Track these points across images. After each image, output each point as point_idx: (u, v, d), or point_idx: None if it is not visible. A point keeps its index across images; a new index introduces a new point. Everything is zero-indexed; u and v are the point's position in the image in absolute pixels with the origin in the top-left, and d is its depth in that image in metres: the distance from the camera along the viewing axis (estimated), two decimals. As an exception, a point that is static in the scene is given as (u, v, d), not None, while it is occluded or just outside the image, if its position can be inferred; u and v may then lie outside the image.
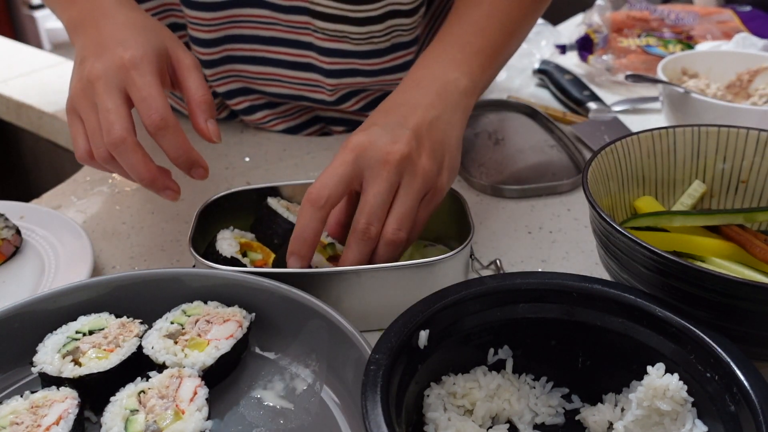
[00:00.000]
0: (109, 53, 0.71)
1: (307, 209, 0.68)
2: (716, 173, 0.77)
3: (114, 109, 0.69)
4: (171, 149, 0.71)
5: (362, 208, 0.69)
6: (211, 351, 0.63)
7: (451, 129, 0.76)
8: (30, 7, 3.22)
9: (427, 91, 0.77)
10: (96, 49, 0.72)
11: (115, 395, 0.60)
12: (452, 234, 0.81)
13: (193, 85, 0.75)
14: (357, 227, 0.69)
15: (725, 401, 0.53)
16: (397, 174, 0.69)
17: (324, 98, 1.02)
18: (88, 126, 0.71)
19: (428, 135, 0.73)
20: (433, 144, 0.73)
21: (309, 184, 0.81)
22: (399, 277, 0.69)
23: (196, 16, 0.95)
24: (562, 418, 0.61)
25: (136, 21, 0.75)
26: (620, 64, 1.31)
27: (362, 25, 0.93)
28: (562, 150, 1.04)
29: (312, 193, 0.68)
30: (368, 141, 0.70)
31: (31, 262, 0.81)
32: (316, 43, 0.96)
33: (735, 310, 0.57)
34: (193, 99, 0.74)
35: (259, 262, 0.75)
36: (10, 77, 1.32)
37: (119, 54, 0.70)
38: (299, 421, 0.62)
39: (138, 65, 0.70)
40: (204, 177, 0.75)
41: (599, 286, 0.60)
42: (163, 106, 0.69)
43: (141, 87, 0.70)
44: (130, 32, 0.73)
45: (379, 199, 0.69)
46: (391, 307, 0.62)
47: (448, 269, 0.70)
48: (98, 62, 0.71)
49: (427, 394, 0.59)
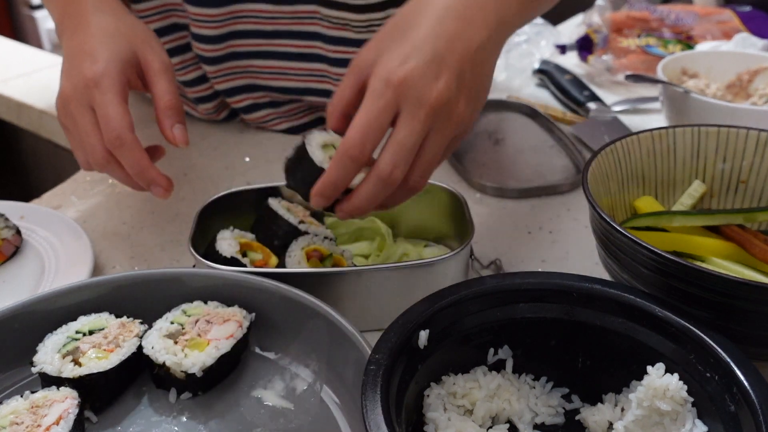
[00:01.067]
0: (75, 69, 0.73)
1: (346, 161, 0.63)
2: (716, 173, 0.77)
3: (91, 130, 0.72)
4: (128, 166, 0.73)
5: (391, 148, 0.63)
6: (211, 351, 0.63)
7: (492, 60, 0.70)
8: (30, 7, 3.21)
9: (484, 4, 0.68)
10: (68, 61, 0.75)
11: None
12: (452, 234, 0.81)
13: (160, 90, 0.75)
14: (382, 168, 0.63)
15: (725, 401, 0.53)
16: (433, 117, 0.63)
17: (330, 88, 1.02)
18: (77, 142, 0.75)
19: (470, 72, 0.66)
20: (472, 85, 0.66)
21: None
22: (399, 277, 0.69)
23: (199, 13, 0.95)
24: (562, 418, 0.61)
25: (105, 27, 0.76)
26: (620, 64, 1.31)
27: (362, 12, 0.94)
28: (562, 150, 1.04)
29: (353, 145, 0.62)
30: (410, 77, 0.62)
31: (31, 262, 0.81)
32: (323, 31, 0.97)
33: (735, 310, 0.57)
34: (160, 104, 0.75)
35: (259, 262, 0.75)
36: (10, 77, 1.32)
37: (83, 70, 0.72)
38: (299, 421, 0.62)
39: (99, 82, 0.71)
40: (164, 196, 0.74)
41: (599, 286, 0.60)
42: (119, 124, 0.71)
43: (100, 105, 0.71)
44: (98, 41, 0.74)
45: (410, 142, 0.63)
46: (391, 307, 0.62)
47: (448, 269, 0.70)
48: (68, 80, 0.74)
49: (427, 394, 0.59)
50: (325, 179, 0.64)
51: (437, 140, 0.65)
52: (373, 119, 0.62)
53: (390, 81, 0.62)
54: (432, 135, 0.64)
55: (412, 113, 0.63)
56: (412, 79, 0.62)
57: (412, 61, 0.63)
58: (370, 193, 0.64)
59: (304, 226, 0.77)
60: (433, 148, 0.65)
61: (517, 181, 0.96)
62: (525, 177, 0.98)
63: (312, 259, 0.73)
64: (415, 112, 0.62)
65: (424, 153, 0.65)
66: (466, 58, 0.65)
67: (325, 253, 0.75)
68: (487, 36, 0.67)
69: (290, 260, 0.73)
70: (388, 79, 0.63)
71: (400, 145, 0.63)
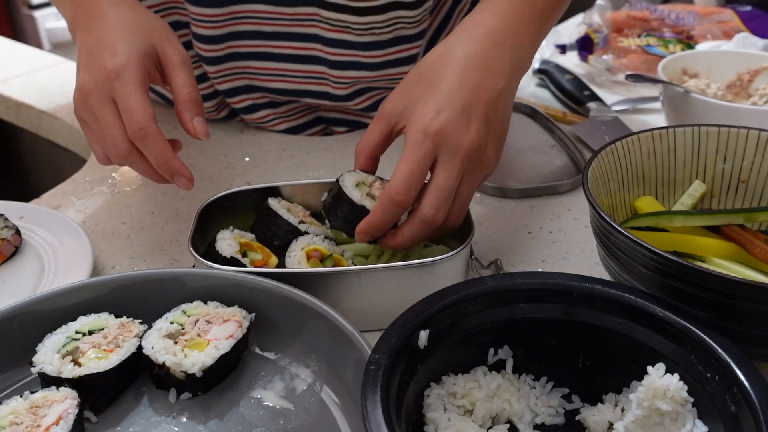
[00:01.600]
0: (95, 61, 0.73)
1: (391, 207, 0.68)
2: (716, 173, 0.77)
3: (112, 122, 0.72)
4: (152, 157, 0.72)
5: (433, 193, 0.69)
6: (211, 351, 0.63)
7: (511, 103, 0.76)
8: (30, 7, 3.21)
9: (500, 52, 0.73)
10: (86, 55, 0.74)
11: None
12: (452, 234, 0.81)
13: (180, 83, 0.75)
14: (426, 211, 0.69)
15: (725, 401, 0.53)
16: (468, 162, 0.69)
17: (329, 91, 1.02)
18: (97, 135, 0.74)
19: (494, 117, 0.72)
20: (497, 129, 0.73)
21: (309, 185, 0.82)
22: (399, 277, 0.69)
23: (199, 13, 0.95)
24: (562, 418, 0.61)
25: (123, 20, 0.75)
26: (620, 64, 1.31)
27: (363, 15, 0.94)
28: (562, 150, 1.04)
29: (399, 195, 0.68)
30: (446, 128, 0.68)
31: (31, 262, 0.81)
32: (322, 34, 0.97)
33: (735, 310, 0.57)
34: (180, 97, 0.75)
35: (259, 262, 0.74)
36: (10, 77, 1.32)
37: (104, 63, 0.72)
38: (299, 421, 0.62)
39: (120, 74, 0.71)
40: (188, 187, 0.74)
41: (599, 286, 0.60)
42: (143, 116, 0.70)
43: (123, 97, 0.71)
44: (117, 35, 0.74)
45: (449, 186, 0.69)
46: (391, 307, 0.62)
47: (448, 269, 0.70)
48: (88, 73, 0.73)
49: (427, 394, 0.59)
50: (371, 221, 0.70)
51: (471, 182, 0.71)
52: (415, 167, 0.68)
53: (428, 132, 0.68)
54: (466, 177, 0.70)
55: (449, 160, 0.68)
56: (447, 129, 0.68)
57: (446, 112, 0.69)
58: (414, 232, 0.70)
59: (304, 226, 0.77)
60: (468, 189, 0.71)
61: (517, 181, 0.96)
62: (525, 177, 0.98)
63: (312, 259, 0.73)
64: (452, 158, 0.68)
65: (460, 194, 0.71)
66: (490, 105, 0.71)
67: (325, 254, 0.75)
68: (505, 83, 0.73)
69: (290, 260, 0.73)
70: (426, 130, 0.68)
71: (441, 189, 0.69)
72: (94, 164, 1.03)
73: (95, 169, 1.02)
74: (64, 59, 1.38)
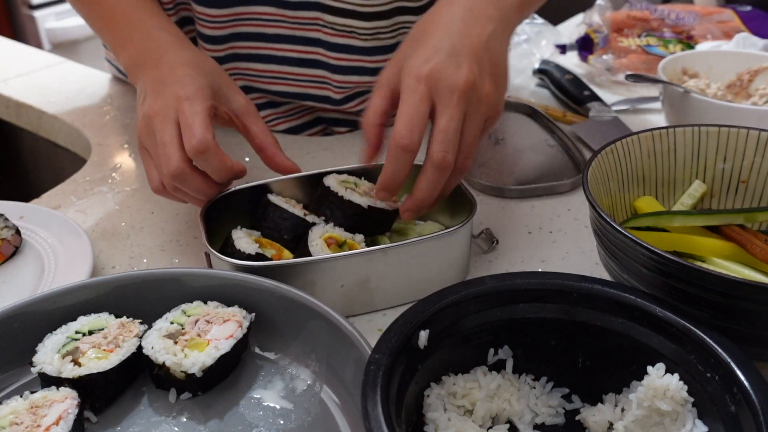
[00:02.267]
0: (168, 90, 0.75)
1: (400, 155, 0.69)
2: (716, 173, 0.77)
3: (169, 141, 0.73)
4: (214, 171, 0.75)
5: (437, 137, 0.69)
6: (210, 351, 0.63)
7: (503, 45, 0.76)
8: (30, 7, 3.21)
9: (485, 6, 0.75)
10: (155, 86, 0.77)
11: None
12: (441, 209, 0.82)
13: (261, 128, 0.81)
14: (435, 156, 0.69)
15: (725, 401, 0.53)
16: (466, 100, 0.69)
17: (330, 95, 1.02)
18: (154, 158, 0.76)
19: (486, 57, 0.72)
20: (491, 68, 0.73)
21: (297, 179, 0.82)
22: (421, 249, 0.72)
23: (203, 13, 0.95)
24: (562, 418, 0.61)
25: (192, 61, 0.79)
26: (620, 64, 1.31)
27: (370, 20, 0.94)
28: (562, 150, 1.04)
29: (403, 139, 0.68)
30: (437, 70, 0.69)
31: (31, 262, 0.81)
32: (325, 38, 0.97)
33: (735, 310, 0.57)
34: (268, 141, 0.81)
35: (275, 257, 0.75)
36: (10, 77, 1.32)
37: (176, 90, 0.75)
38: (299, 421, 0.62)
39: (191, 98, 0.74)
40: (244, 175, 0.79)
41: (599, 286, 0.60)
42: (203, 132, 0.72)
43: (188, 115, 0.73)
44: (188, 72, 0.77)
45: (452, 126, 0.69)
46: (416, 281, 0.71)
47: (461, 240, 0.74)
48: (157, 100, 0.75)
49: (427, 394, 0.59)
50: (384, 174, 0.71)
51: (474, 121, 0.71)
52: (413, 111, 0.68)
53: (420, 76, 0.69)
54: (468, 118, 0.70)
55: (447, 101, 0.69)
56: (438, 71, 0.69)
57: (435, 58, 0.70)
58: (429, 182, 0.70)
59: (311, 218, 0.77)
60: (472, 129, 0.71)
61: (517, 181, 0.96)
62: (525, 177, 0.98)
63: (332, 246, 0.74)
64: (449, 99, 0.69)
65: (465, 135, 0.71)
66: (480, 46, 0.72)
67: (339, 240, 0.76)
68: (492, 28, 0.74)
69: (314, 249, 0.73)
70: (419, 75, 0.69)
71: (445, 131, 0.69)
72: (94, 164, 1.03)
73: (95, 169, 1.02)
74: (64, 59, 1.38)
